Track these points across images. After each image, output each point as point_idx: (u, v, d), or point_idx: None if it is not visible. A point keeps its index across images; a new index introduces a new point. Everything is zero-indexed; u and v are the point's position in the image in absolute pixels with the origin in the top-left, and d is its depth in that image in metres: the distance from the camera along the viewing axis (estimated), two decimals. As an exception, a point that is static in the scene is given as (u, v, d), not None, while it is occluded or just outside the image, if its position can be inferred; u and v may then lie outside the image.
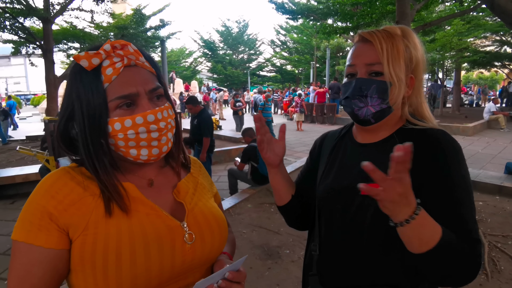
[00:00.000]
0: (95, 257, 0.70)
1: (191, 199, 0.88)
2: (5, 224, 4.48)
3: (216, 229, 0.87)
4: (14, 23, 9.94)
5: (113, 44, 0.77)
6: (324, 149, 1.16)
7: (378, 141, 1.00)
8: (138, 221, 0.75)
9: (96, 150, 0.76)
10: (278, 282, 2.95)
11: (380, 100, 0.93)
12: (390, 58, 0.91)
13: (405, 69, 0.94)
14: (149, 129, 0.76)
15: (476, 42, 17.47)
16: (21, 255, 0.70)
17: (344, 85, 1.00)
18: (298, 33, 33.32)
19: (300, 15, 15.15)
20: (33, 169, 5.91)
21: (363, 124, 0.98)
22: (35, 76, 45.30)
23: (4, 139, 10.71)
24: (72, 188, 0.75)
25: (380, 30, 0.95)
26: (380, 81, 0.92)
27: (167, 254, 0.75)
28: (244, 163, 5.29)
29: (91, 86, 0.75)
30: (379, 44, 0.92)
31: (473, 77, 38.92)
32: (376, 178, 0.68)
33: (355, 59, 0.97)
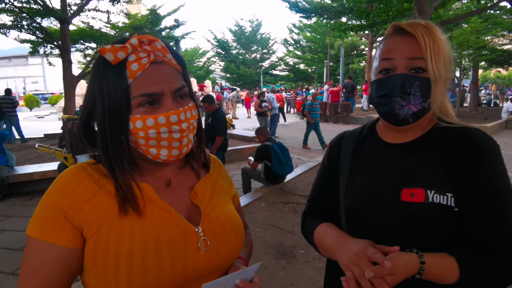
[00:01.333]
0: (107, 259, 0.69)
1: (208, 202, 0.86)
2: (23, 220, 4.58)
3: (232, 235, 0.84)
4: (31, 23, 10.16)
5: (140, 39, 0.75)
6: (343, 151, 1.07)
7: (411, 140, 0.94)
8: (152, 225, 0.73)
9: (114, 147, 0.75)
10: (292, 282, 2.92)
11: (423, 98, 0.86)
12: (433, 53, 0.84)
13: (443, 66, 0.88)
14: (171, 129, 0.74)
15: (494, 41, 17.09)
16: (34, 251, 0.70)
17: (379, 82, 0.90)
18: (312, 32, 33.19)
19: (313, 14, 15.08)
20: (51, 167, 6.03)
21: (400, 124, 0.90)
22: (53, 75, 46.34)
23: (22, 137, 10.95)
24: (88, 186, 0.74)
25: (419, 24, 0.87)
26: (424, 78, 0.85)
27: (180, 260, 0.73)
28: (258, 162, 5.28)
29: (115, 81, 0.73)
30: (422, 38, 0.84)
31: (491, 76, 38.06)
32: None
33: (394, 52, 0.87)
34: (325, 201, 1.10)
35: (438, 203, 0.82)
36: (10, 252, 3.72)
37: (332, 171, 1.07)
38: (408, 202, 0.85)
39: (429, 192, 0.84)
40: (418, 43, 0.84)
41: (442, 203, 0.82)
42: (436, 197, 0.83)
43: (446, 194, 0.83)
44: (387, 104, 0.88)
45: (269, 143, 5.22)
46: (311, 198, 1.16)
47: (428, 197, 0.83)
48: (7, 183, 5.57)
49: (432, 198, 0.83)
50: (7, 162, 5.81)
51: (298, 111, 18.57)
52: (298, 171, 6.34)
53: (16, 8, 9.58)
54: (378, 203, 0.90)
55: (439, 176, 0.85)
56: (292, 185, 5.59)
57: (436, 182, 0.84)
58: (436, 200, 0.83)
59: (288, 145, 9.11)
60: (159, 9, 13.90)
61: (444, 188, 0.83)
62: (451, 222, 0.83)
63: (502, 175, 0.83)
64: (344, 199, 0.99)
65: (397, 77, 0.86)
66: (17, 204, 5.33)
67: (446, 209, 0.82)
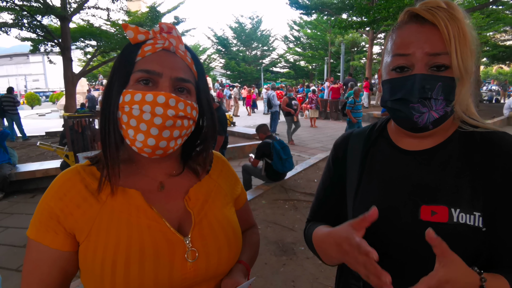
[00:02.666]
0: (94, 265, 0.70)
1: (201, 208, 0.81)
2: (25, 218, 4.61)
3: (224, 244, 0.80)
4: (32, 21, 10.16)
5: (161, 25, 0.78)
6: (350, 153, 0.92)
7: (430, 148, 0.79)
8: (138, 234, 0.72)
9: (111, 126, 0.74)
10: (293, 279, 2.95)
11: (445, 102, 0.72)
12: (458, 46, 0.69)
13: (471, 60, 0.72)
14: (154, 110, 0.70)
15: (496, 36, 17.02)
16: (32, 251, 0.73)
17: (393, 82, 0.76)
18: (312, 29, 33.09)
19: (314, 10, 15.05)
20: (53, 164, 6.06)
21: (418, 132, 0.77)
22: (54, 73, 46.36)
23: (24, 135, 10.99)
24: (80, 190, 0.74)
25: (439, 7, 0.71)
26: (447, 77, 0.71)
27: (164, 271, 0.71)
28: (258, 159, 5.29)
29: (126, 57, 0.75)
30: (446, 27, 0.69)
31: (493, 72, 37.93)
32: (438, 253, 0.59)
33: (411, 47, 0.72)
34: (330, 208, 0.97)
35: (464, 223, 0.70)
36: (14, 249, 3.76)
37: (338, 175, 0.94)
38: (429, 222, 0.72)
39: (454, 211, 0.71)
40: (440, 34, 0.69)
41: (469, 223, 0.70)
42: (462, 217, 0.70)
43: (474, 213, 0.70)
44: (403, 110, 0.74)
45: (270, 140, 5.23)
46: (314, 206, 1.03)
47: (453, 217, 0.71)
48: (9, 181, 5.60)
49: (458, 218, 0.70)
50: (9, 160, 5.84)
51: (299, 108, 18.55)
52: (299, 168, 6.35)
53: (17, 6, 9.59)
54: (393, 221, 0.77)
55: (465, 191, 0.72)
56: (293, 182, 5.61)
57: (462, 199, 0.72)
58: (462, 220, 0.70)
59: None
60: (159, 6, 13.86)
61: (471, 206, 0.71)
62: (477, 244, 0.70)
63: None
64: (353, 210, 0.86)
65: (415, 78, 0.71)
66: (20, 201, 5.36)
67: (473, 230, 0.70)
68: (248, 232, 1.03)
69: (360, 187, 0.86)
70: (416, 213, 0.75)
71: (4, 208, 5.03)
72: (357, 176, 0.87)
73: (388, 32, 0.82)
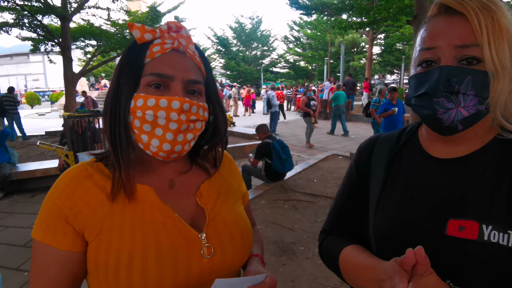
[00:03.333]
0: (107, 265, 0.67)
1: (214, 204, 0.81)
2: (25, 217, 4.61)
3: (238, 240, 0.80)
4: (32, 21, 10.17)
5: (169, 24, 0.75)
6: (375, 158, 0.86)
7: (463, 156, 0.72)
8: (153, 231, 0.70)
9: (121, 129, 0.72)
10: (293, 279, 2.95)
11: (478, 99, 0.64)
12: (492, 38, 0.63)
13: (509, 55, 0.65)
14: (169, 116, 0.69)
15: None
16: (39, 253, 0.70)
17: (417, 78, 0.71)
18: (312, 29, 33.10)
19: (314, 10, 15.05)
20: (53, 164, 6.05)
21: (446, 133, 0.69)
22: (54, 73, 46.32)
23: (24, 134, 11.00)
24: (88, 188, 0.72)
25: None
26: (479, 71, 0.64)
27: (182, 268, 0.70)
28: (258, 159, 5.30)
29: (133, 58, 0.73)
30: (476, 18, 0.63)
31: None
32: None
33: (437, 39, 0.67)
34: (350, 217, 0.90)
35: (496, 243, 0.62)
36: (14, 248, 3.76)
37: (361, 181, 0.88)
38: (455, 237, 0.66)
39: (485, 228, 0.64)
40: (471, 25, 0.64)
41: (502, 243, 0.62)
42: (494, 235, 0.63)
43: (509, 231, 0.62)
44: (426, 106, 0.68)
45: (270, 140, 5.24)
46: (333, 213, 0.95)
47: (483, 234, 0.63)
48: (9, 180, 5.60)
49: (489, 236, 0.63)
50: (9, 160, 5.85)
51: (298, 108, 18.56)
52: (298, 168, 6.36)
53: (18, 6, 9.60)
54: (416, 235, 0.71)
55: (501, 206, 0.64)
56: (293, 182, 5.62)
57: (496, 214, 0.64)
58: (493, 239, 0.63)
59: (289, 142, 9.14)
60: (159, 6, 13.87)
61: (507, 224, 0.63)
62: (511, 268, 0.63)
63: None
64: (373, 221, 0.80)
65: (440, 70, 0.66)
66: (20, 201, 5.36)
67: (506, 251, 0.61)
68: (253, 230, 1.03)
69: (383, 196, 0.80)
70: (443, 227, 0.68)
71: (4, 208, 5.04)
72: (381, 184, 0.81)
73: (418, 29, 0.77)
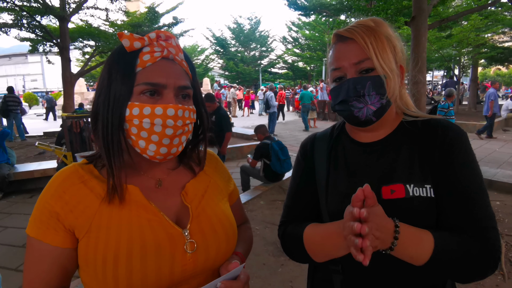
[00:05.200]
0: (95, 261, 0.71)
1: (198, 202, 0.85)
2: (24, 218, 4.61)
3: (222, 237, 0.83)
4: (31, 22, 10.16)
5: (158, 33, 0.77)
6: (317, 150, 1.05)
7: (383, 138, 0.94)
8: (139, 229, 0.74)
9: (114, 136, 0.75)
10: (291, 279, 2.96)
11: (379, 96, 0.86)
12: (377, 51, 0.85)
13: (393, 60, 0.88)
14: (165, 122, 0.74)
15: (494, 38, 17.08)
16: (32, 249, 0.75)
17: (334, 90, 0.92)
18: (310, 30, 33.06)
19: (312, 11, 15.05)
20: (51, 164, 6.06)
21: (364, 125, 0.91)
22: (52, 73, 46.28)
23: (22, 135, 10.97)
24: (79, 188, 0.76)
25: (357, 25, 0.89)
26: (374, 76, 0.86)
27: (166, 263, 0.74)
28: (257, 160, 5.30)
29: (124, 67, 0.75)
30: (362, 39, 0.85)
31: (490, 74, 38.03)
32: (368, 203, 0.71)
33: (340, 61, 0.89)
34: (305, 205, 1.04)
35: (418, 196, 0.84)
36: (13, 248, 3.76)
37: (309, 171, 1.04)
38: (390, 199, 0.85)
39: (409, 187, 0.85)
40: (360, 46, 0.86)
41: (422, 195, 0.84)
42: (416, 191, 0.84)
43: (425, 186, 0.84)
44: (345, 109, 0.89)
45: (268, 141, 5.24)
46: (289, 204, 1.08)
47: (409, 192, 0.84)
48: (8, 181, 5.60)
49: (412, 191, 0.84)
50: (8, 160, 5.85)
51: (297, 109, 18.58)
52: (297, 169, 6.36)
53: (17, 7, 9.59)
54: None
55: (415, 169, 0.87)
56: (291, 182, 5.62)
57: (414, 176, 0.86)
58: (416, 193, 0.84)
59: (287, 143, 9.14)
60: (157, 6, 13.87)
61: (422, 180, 0.85)
62: (432, 211, 0.84)
63: (471, 161, 0.85)
64: (326, 201, 0.96)
65: (348, 82, 0.87)
66: (18, 201, 5.36)
67: (427, 200, 0.84)
68: (242, 227, 1.06)
69: (329, 179, 0.98)
70: (379, 194, 0.87)
71: (3, 208, 5.04)
72: (325, 169, 1.00)
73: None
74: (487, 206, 0.82)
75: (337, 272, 0.95)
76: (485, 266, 0.79)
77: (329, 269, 0.97)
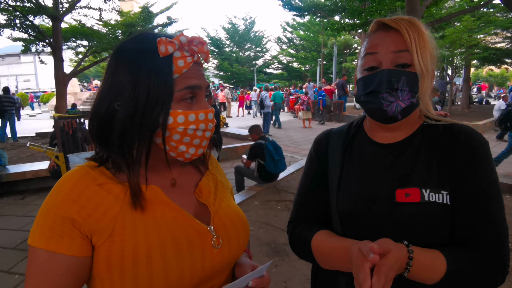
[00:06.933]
0: (124, 264, 0.67)
1: (214, 199, 0.85)
2: (15, 220, 4.54)
3: (241, 230, 0.86)
4: (24, 21, 10.07)
5: (192, 39, 0.76)
6: (331, 148, 1.01)
7: (401, 140, 0.91)
8: (166, 226, 0.72)
9: (140, 144, 0.72)
10: (285, 280, 2.96)
11: (411, 93, 0.83)
12: (418, 47, 0.81)
13: (430, 61, 0.85)
14: (207, 126, 0.76)
15: (487, 39, 17.25)
16: (41, 262, 0.67)
17: (364, 79, 0.87)
18: (305, 30, 33.22)
19: (307, 12, 15.11)
20: (43, 165, 5.98)
21: (389, 122, 0.87)
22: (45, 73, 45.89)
23: (14, 136, 10.87)
24: (95, 191, 0.71)
25: (401, 18, 0.85)
26: (411, 72, 0.82)
27: (198, 259, 0.74)
28: (251, 160, 5.30)
29: (162, 72, 0.71)
30: (407, 32, 0.82)
31: (483, 74, 38.40)
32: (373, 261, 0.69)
33: (379, 47, 0.84)
34: (317, 204, 1.02)
35: (434, 201, 0.81)
36: (5, 250, 3.71)
37: (322, 170, 1.01)
38: (404, 203, 0.83)
39: (425, 191, 0.82)
40: (403, 37, 0.82)
41: (438, 201, 0.81)
42: (432, 196, 0.82)
43: (441, 192, 0.82)
44: (374, 101, 0.86)
45: (263, 141, 5.23)
46: (299, 202, 1.06)
47: (424, 196, 0.82)
48: (0, 182, 5.53)
49: (428, 197, 0.82)
50: (-1, 161, 5.78)
51: (291, 109, 18.61)
52: (291, 169, 6.38)
53: (10, 7, 9.50)
54: (374, 206, 0.87)
55: (433, 174, 0.84)
56: (285, 183, 5.64)
57: (431, 181, 0.83)
58: (432, 198, 0.81)
59: (282, 143, 9.16)
60: (151, 6, 13.81)
61: (439, 186, 0.82)
62: (447, 219, 0.82)
63: (492, 171, 0.83)
64: (336, 201, 0.94)
65: (383, 73, 0.83)
66: (10, 203, 5.28)
67: (442, 207, 0.81)
68: None
69: (342, 179, 0.95)
70: (392, 197, 0.85)
71: (-7, 210, 4.97)
72: (339, 169, 0.97)
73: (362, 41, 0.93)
74: (503, 220, 0.81)
75: (344, 273, 0.92)
76: (495, 281, 0.79)
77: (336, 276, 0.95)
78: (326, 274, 0.99)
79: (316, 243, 0.92)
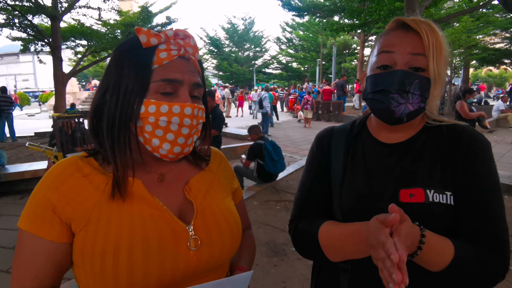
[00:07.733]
0: (93, 255, 0.68)
1: (203, 198, 0.83)
2: (15, 219, 4.54)
3: (227, 234, 0.81)
4: (23, 21, 10.05)
5: (176, 31, 0.76)
6: (334, 146, 1.00)
7: (405, 140, 0.91)
8: (140, 222, 0.71)
9: (121, 132, 0.73)
10: (284, 280, 2.96)
11: (421, 98, 0.83)
12: (435, 52, 0.80)
13: (444, 67, 0.84)
14: (182, 122, 0.73)
15: (485, 39, 17.29)
16: (25, 243, 0.71)
17: (376, 77, 0.86)
18: (304, 30, 33.23)
19: (306, 12, 15.11)
20: (42, 165, 5.98)
21: (393, 123, 0.87)
22: (43, 73, 45.86)
23: (13, 135, 10.85)
24: (78, 180, 0.73)
25: (422, 20, 0.83)
26: (424, 77, 0.82)
27: (169, 259, 0.71)
28: (250, 160, 5.29)
29: (140, 63, 0.73)
30: (426, 35, 0.80)
31: (482, 75, 38.46)
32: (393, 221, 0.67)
33: (396, 46, 0.83)
34: (320, 199, 1.00)
35: (438, 202, 0.82)
36: (3, 250, 3.70)
37: (325, 165, 1.00)
38: (408, 203, 0.83)
39: (429, 192, 0.82)
40: (421, 40, 0.81)
41: (442, 202, 0.82)
42: (436, 197, 0.82)
43: (445, 192, 0.82)
44: (383, 100, 0.84)
45: (262, 141, 5.23)
46: (301, 198, 1.03)
47: (428, 197, 0.82)
48: (-2, 182, 5.52)
49: (432, 197, 0.82)
50: (-2, 161, 5.76)
51: (291, 109, 18.63)
52: (290, 169, 6.38)
53: (9, 6, 9.48)
54: (377, 205, 0.86)
55: (437, 175, 0.84)
56: (284, 183, 5.63)
57: (434, 181, 0.84)
58: (436, 199, 0.82)
59: (281, 143, 9.16)
60: (150, 6, 13.80)
61: (443, 187, 0.83)
62: (450, 219, 0.83)
63: (494, 172, 0.84)
64: (340, 198, 0.93)
65: (396, 73, 0.82)
66: (9, 203, 5.28)
67: (446, 208, 0.82)
68: (246, 236, 1.03)
69: (345, 177, 0.94)
70: (396, 197, 0.85)
71: (-8, 210, 4.96)
72: (342, 166, 0.96)
73: (376, 38, 0.93)
74: (504, 219, 0.82)
75: (346, 270, 0.91)
76: (496, 275, 0.80)
77: (335, 267, 0.94)
78: (328, 273, 0.99)
79: (324, 234, 0.90)
